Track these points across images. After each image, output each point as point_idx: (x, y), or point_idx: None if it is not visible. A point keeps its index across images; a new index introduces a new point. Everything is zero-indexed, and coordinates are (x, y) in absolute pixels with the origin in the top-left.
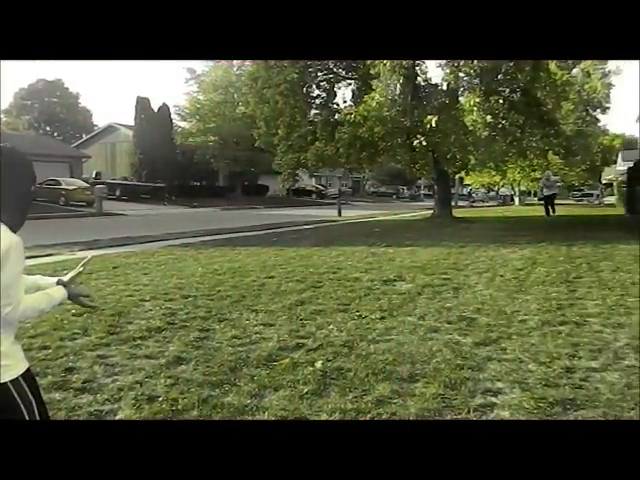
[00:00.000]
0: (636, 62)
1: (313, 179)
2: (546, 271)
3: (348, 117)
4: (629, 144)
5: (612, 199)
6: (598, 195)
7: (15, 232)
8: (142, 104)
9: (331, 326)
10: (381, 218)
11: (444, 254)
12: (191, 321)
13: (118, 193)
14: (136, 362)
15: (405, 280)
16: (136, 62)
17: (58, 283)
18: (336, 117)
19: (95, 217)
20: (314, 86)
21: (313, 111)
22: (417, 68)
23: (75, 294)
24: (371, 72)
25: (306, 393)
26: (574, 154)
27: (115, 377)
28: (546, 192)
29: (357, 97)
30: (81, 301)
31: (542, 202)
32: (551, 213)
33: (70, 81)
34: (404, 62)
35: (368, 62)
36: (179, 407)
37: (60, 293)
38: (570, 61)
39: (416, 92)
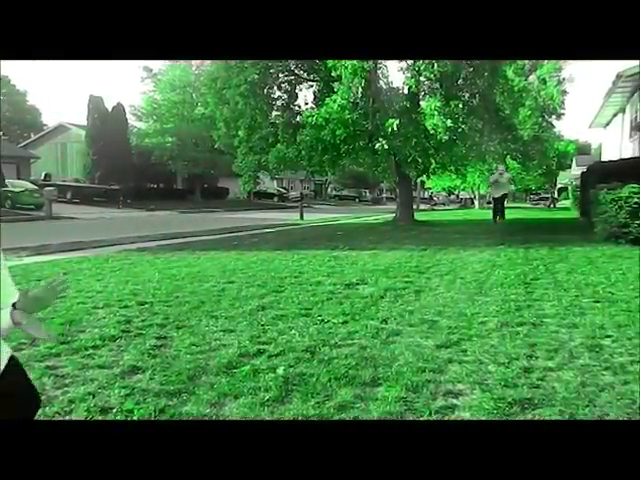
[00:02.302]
0: (588, 71)
1: (275, 182)
2: (505, 273)
3: (310, 119)
4: (583, 150)
5: (567, 203)
6: (549, 198)
7: None
8: (95, 103)
9: (293, 331)
10: (343, 221)
11: (406, 257)
12: (147, 329)
13: (69, 196)
14: (88, 372)
15: (367, 283)
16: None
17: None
18: (298, 119)
19: (44, 221)
20: (275, 87)
21: (274, 113)
22: (379, 71)
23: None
24: (333, 74)
25: (267, 400)
26: (531, 159)
27: (66, 389)
28: (495, 193)
29: (319, 99)
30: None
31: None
32: (498, 220)
33: (17, 78)
34: (365, 65)
35: (330, 64)
36: (134, 418)
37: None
38: (527, 68)
39: (378, 95)
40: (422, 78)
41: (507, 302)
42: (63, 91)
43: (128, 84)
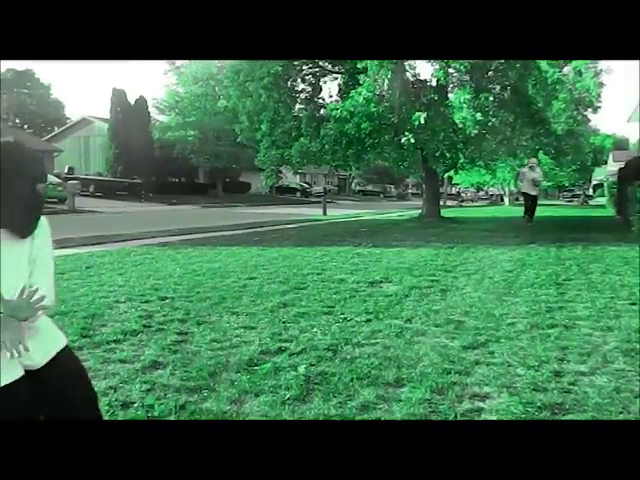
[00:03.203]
0: (626, 62)
1: (297, 176)
2: (535, 273)
3: (334, 112)
4: (620, 144)
5: (602, 200)
6: (581, 195)
7: (23, 236)
8: (118, 96)
9: (315, 329)
10: (367, 217)
11: (432, 255)
12: (168, 324)
13: (92, 189)
14: (110, 367)
15: (392, 282)
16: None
17: None
18: (322, 112)
19: (67, 214)
20: (299, 80)
21: (298, 106)
22: (406, 63)
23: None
24: (358, 66)
25: (288, 399)
26: (565, 154)
27: None
28: (525, 188)
29: (343, 92)
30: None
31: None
32: (527, 221)
33: (41, 71)
34: None
35: None
36: (155, 414)
37: None
38: None
39: (404, 88)
40: (451, 70)
41: (538, 303)
42: (87, 84)
43: (151, 77)
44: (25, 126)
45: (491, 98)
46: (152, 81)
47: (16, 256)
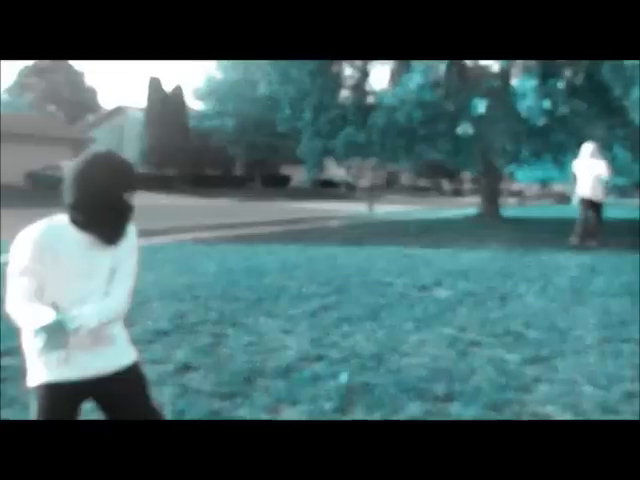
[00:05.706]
0: None
1: (342, 169)
2: (607, 281)
3: (383, 100)
4: None
5: None
6: None
7: (109, 244)
8: (154, 85)
9: (358, 336)
10: (418, 215)
11: (489, 258)
12: (202, 325)
13: None
14: None
15: (444, 286)
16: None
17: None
18: (369, 100)
19: None
20: (346, 64)
21: (344, 93)
22: None
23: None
24: None
25: (328, 409)
26: None
27: None
28: (584, 189)
29: (394, 77)
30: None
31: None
32: (587, 239)
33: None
34: None
35: None
36: (186, 419)
37: (45, 318)
38: None
39: (462, 73)
40: None
41: (609, 314)
42: (122, 71)
43: (188, 62)
44: (59, 114)
45: (561, 85)
46: (189, 66)
47: (99, 262)
